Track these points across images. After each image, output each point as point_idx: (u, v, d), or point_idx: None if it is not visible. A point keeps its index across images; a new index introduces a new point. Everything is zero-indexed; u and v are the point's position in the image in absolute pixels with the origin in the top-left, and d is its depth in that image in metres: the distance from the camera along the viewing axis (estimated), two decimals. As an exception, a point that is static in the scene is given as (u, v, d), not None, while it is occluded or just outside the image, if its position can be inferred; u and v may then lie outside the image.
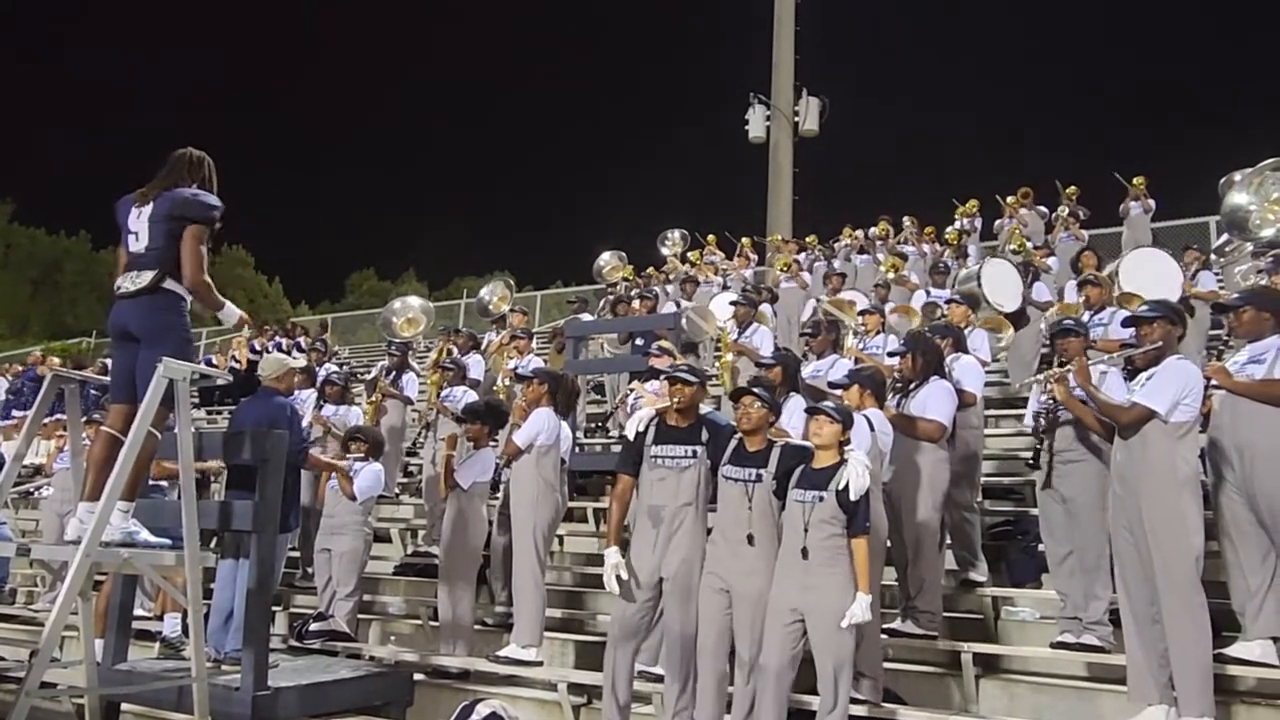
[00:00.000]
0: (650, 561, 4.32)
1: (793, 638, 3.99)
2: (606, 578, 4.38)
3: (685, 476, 4.32)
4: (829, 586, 3.95)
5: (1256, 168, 7.77)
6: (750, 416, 4.25)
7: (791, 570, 4.02)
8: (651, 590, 4.34)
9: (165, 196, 3.97)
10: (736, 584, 4.15)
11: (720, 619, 4.17)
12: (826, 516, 3.96)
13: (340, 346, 21.49)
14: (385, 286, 42.57)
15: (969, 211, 14.38)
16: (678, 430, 4.41)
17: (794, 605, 3.99)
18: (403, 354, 9.59)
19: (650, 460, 4.39)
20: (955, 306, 7.27)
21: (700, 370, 4.85)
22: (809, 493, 4.03)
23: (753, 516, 4.15)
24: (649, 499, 4.39)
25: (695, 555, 4.28)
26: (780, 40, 20.63)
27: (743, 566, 4.14)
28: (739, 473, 4.22)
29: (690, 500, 4.31)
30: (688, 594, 4.26)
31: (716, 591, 4.19)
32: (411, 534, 8.45)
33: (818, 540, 3.96)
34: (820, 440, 4.10)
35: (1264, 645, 4.25)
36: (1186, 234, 13.15)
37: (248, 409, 5.83)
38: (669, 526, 4.30)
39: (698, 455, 4.33)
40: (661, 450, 4.38)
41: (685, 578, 4.26)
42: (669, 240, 16.25)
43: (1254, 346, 4.50)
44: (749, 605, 4.11)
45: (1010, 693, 4.88)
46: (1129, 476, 4.19)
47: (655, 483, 4.37)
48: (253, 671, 4.36)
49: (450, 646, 5.85)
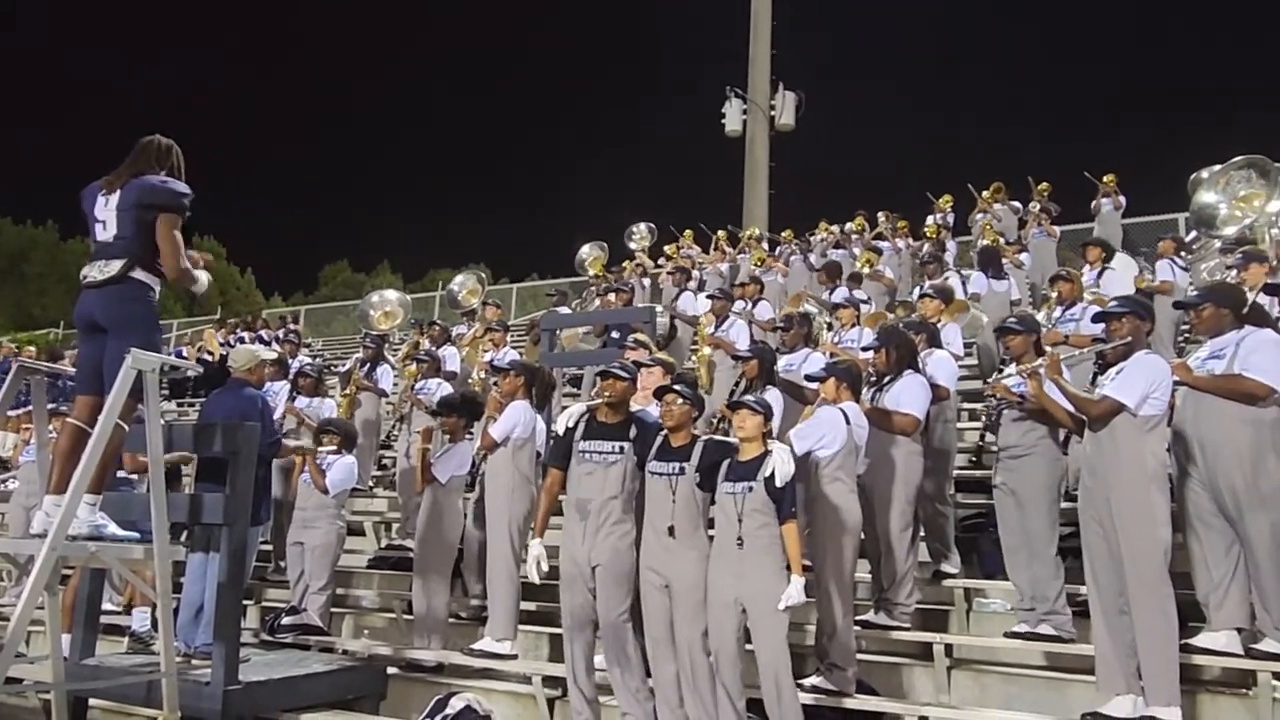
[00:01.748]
0: (581, 552, 4.45)
1: (734, 625, 4.10)
2: (529, 568, 4.57)
3: (612, 471, 4.46)
4: (763, 574, 4.05)
5: (1224, 165, 7.90)
6: (673, 413, 4.38)
7: (727, 560, 4.12)
8: (588, 580, 4.46)
9: (133, 184, 3.91)
10: (673, 577, 4.26)
11: (664, 613, 4.29)
12: (758, 505, 4.08)
13: (313, 338, 21.33)
14: (359, 279, 42.20)
15: (943, 207, 14.48)
16: (606, 426, 4.56)
17: (732, 594, 4.09)
18: (378, 346, 9.53)
19: (578, 455, 4.54)
20: (928, 301, 7.31)
21: (665, 361, 4.88)
22: (739, 484, 4.13)
23: (676, 509, 4.27)
24: (577, 492, 4.53)
25: (624, 545, 4.42)
26: (757, 34, 20.65)
27: (674, 559, 4.26)
28: (663, 467, 4.35)
29: (616, 493, 4.45)
30: (618, 581, 4.39)
31: (657, 588, 4.30)
32: (385, 527, 8.41)
33: (752, 529, 4.07)
34: (744, 433, 4.21)
35: (1229, 635, 4.33)
36: (1157, 230, 13.30)
37: (218, 401, 5.76)
38: (596, 519, 4.44)
39: (624, 451, 4.47)
40: (589, 445, 4.53)
41: (614, 565, 4.39)
42: (635, 234, 16.19)
43: (1215, 342, 4.58)
44: (687, 598, 4.22)
45: (981, 683, 4.94)
46: (1099, 469, 4.25)
47: (583, 477, 4.51)
48: (223, 666, 4.33)
49: (424, 640, 5.83)
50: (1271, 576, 4.25)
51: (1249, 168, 7.68)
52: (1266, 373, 4.29)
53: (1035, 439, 4.98)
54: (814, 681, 4.58)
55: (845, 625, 4.63)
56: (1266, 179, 7.49)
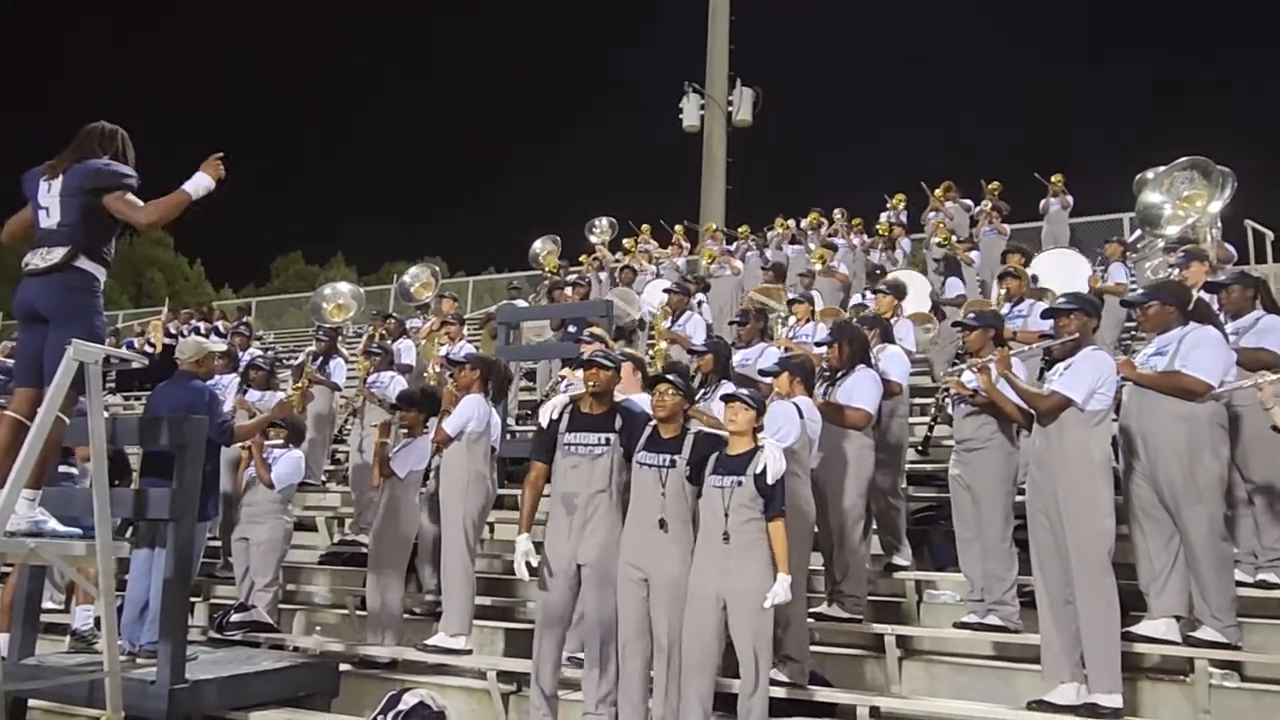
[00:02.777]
0: (566, 548, 4.35)
1: (714, 622, 4.05)
2: (517, 564, 4.42)
3: (599, 464, 4.35)
4: (749, 570, 4.01)
5: (1168, 166, 8.10)
6: (665, 404, 4.28)
7: (712, 555, 4.08)
8: (571, 577, 4.37)
9: (75, 169, 3.82)
10: (654, 572, 4.19)
11: (639, 608, 4.21)
12: (745, 501, 4.03)
13: (265, 331, 20.98)
14: (312, 271, 41.54)
15: (895, 205, 14.67)
16: (592, 417, 4.43)
17: (715, 590, 4.05)
18: (331, 339, 9.40)
19: (564, 447, 4.41)
20: (882, 297, 7.41)
21: (635, 356, 4.86)
22: (727, 478, 4.08)
23: (666, 502, 4.19)
24: (562, 486, 4.41)
25: (611, 541, 4.31)
26: (715, 30, 20.70)
27: (659, 553, 4.18)
28: (653, 459, 4.26)
29: (604, 487, 4.33)
30: (605, 580, 4.29)
31: (635, 581, 4.23)
32: (338, 522, 8.30)
33: (738, 524, 4.02)
34: (736, 426, 4.15)
35: (1168, 623, 4.46)
36: (1103, 230, 13.60)
37: (164, 393, 5.64)
38: (583, 513, 4.33)
39: (611, 443, 4.35)
40: (575, 438, 4.40)
41: (601, 564, 4.29)
42: (597, 228, 16.18)
43: (1160, 339, 4.69)
44: (667, 592, 4.15)
45: (931, 673, 5.02)
46: (1047, 463, 4.34)
47: (569, 470, 4.39)
48: (169, 664, 4.25)
49: (378, 636, 5.77)
50: (1208, 567, 4.37)
51: (1192, 169, 7.89)
52: (1205, 369, 4.41)
53: (990, 433, 5.07)
54: (770, 674, 4.61)
55: (800, 618, 4.66)
56: (1208, 180, 7.70)
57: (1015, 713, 4.27)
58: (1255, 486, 4.94)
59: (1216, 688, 4.34)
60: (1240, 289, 5.23)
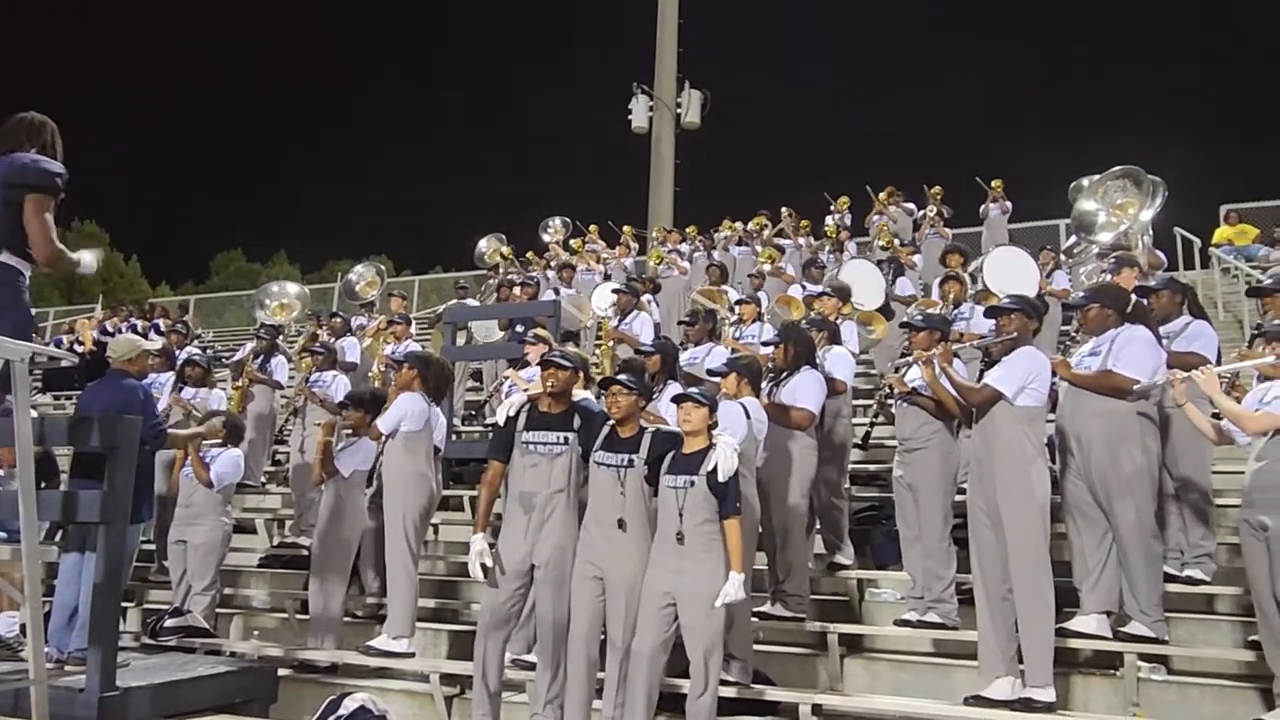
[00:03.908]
0: (522, 548, 4.30)
1: (665, 622, 4.05)
2: (471, 564, 4.36)
3: (557, 463, 4.31)
4: (702, 570, 4.01)
5: (1102, 175, 8.35)
6: (619, 404, 4.26)
7: (666, 555, 4.07)
8: (522, 578, 4.32)
9: (1, 162, 3.68)
10: (610, 571, 4.17)
11: (593, 605, 4.19)
12: (699, 500, 4.02)
13: (204, 329, 20.50)
14: (254, 268, 40.70)
15: (840, 208, 14.88)
16: (550, 416, 4.39)
17: (667, 590, 4.05)
18: (272, 338, 9.22)
19: (522, 446, 4.37)
20: (827, 299, 7.50)
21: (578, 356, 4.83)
22: (680, 478, 4.08)
23: (625, 502, 4.17)
24: (520, 485, 4.36)
25: (568, 542, 4.28)
26: (663, 32, 20.76)
27: (616, 553, 4.16)
28: (611, 459, 4.24)
29: (562, 487, 4.30)
30: (560, 581, 4.26)
31: (590, 579, 4.20)
32: (278, 524, 8.15)
33: (693, 525, 4.02)
34: (690, 425, 4.15)
35: (1099, 619, 4.58)
36: (1040, 235, 13.95)
37: (96, 393, 5.46)
38: (541, 513, 4.29)
39: (569, 442, 4.32)
40: (533, 436, 4.36)
41: (558, 565, 4.26)
42: (550, 227, 16.15)
43: (1095, 340, 4.82)
44: (623, 592, 4.13)
45: (873, 671, 5.10)
46: (983, 459, 4.43)
47: (527, 469, 4.35)
48: (99, 672, 4.12)
49: (318, 639, 5.67)
50: (1138, 562, 4.50)
51: (1125, 177, 8.15)
52: (1135, 367, 4.53)
53: (930, 432, 5.16)
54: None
55: (745, 617, 4.69)
56: (1139, 189, 7.96)
57: (953, 708, 4.35)
58: (1182, 485, 5.10)
59: (1144, 681, 4.48)
60: (1169, 294, 5.38)
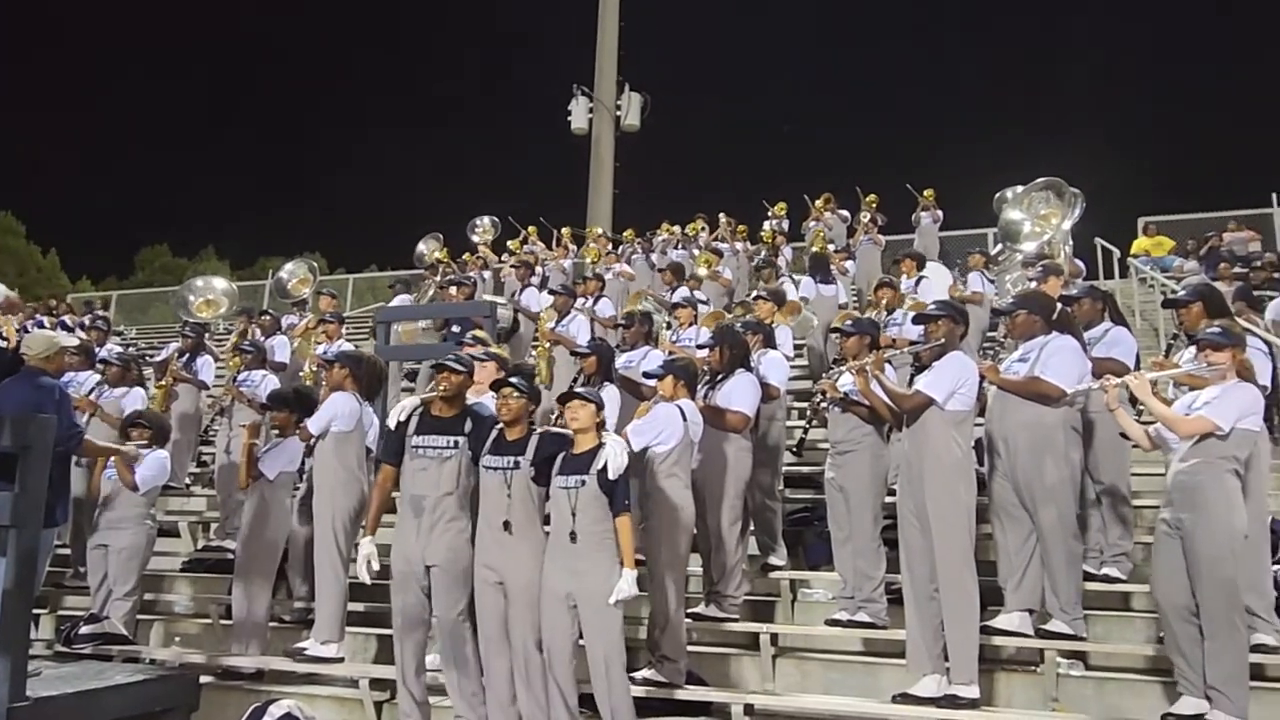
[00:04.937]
0: (415, 550, 4.34)
1: (566, 622, 4.10)
2: (359, 567, 4.40)
3: (446, 466, 4.35)
4: (596, 570, 4.05)
5: (1027, 186, 8.61)
6: (510, 407, 4.30)
7: (561, 555, 4.12)
8: (421, 579, 4.36)
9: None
10: (508, 575, 4.21)
11: (498, 609, 4.24)
12: (591, 499, 4.06)
13: (127, 326, 19.84)
14: (181, 263, 39.51)
15: (778, 214, 15.07)
16: (441, 420, 4.43)
17: (565, 590, 4.09)
18: (198, 336, 8.96)
19: (412, 450, 4.41)
20: (762, 303, 7.56)
21: (499, 355, 4.84)
22: (571, 478, 4.11)
23: (511, 504, 4.21)
24: (411, 488, 4.40)
25: (460, 543, 4.32)
26: (604, 34, 20.81)
27: (509, 556, 4.21)
28: (498, 461, 4.28)
29: (451, 489, 4.34)
30: (453, 581, 4.30)
31: (491, 585, 4.25)
32: (203, 527, 7.92)
33: (585, 524, 4.06)
34: (577, 424, 4.18)
35: (1021, 616, 4.71)
36: (970, 243, 14.29)
37: (9, 391, 5.24)
38: (431, 515, 4.33)
39: (459, 445, 4.37)
40: (423, 440, 4.40)
41: (451, 565, 4.30)
42: (479, 227, 15.99)
43: (1024, 346, 4.96)
44: (522, 594, 4.19)
45: (804, 670, 5.16)
46: (913, 462, 4.52)
47: (417, 472, 4.38)
48: (8, 681, 3.94)
49: (243, 645, 5.53)
50: (1059, 563, 4.65)
51: (1048, 189, 8.41)
52: (1061, 376, 4.68)
53: (861, 435, 5.26)
54: (645, 674, 4.65)
55: (677, 618, 4.72)
56: (1061, 200, 8.23)
57: (881, 706, 4.44)
58: (1103, 487, 5.28)
59: (1064, 677, 4.62)
60: (1090, 301, 5.56)
